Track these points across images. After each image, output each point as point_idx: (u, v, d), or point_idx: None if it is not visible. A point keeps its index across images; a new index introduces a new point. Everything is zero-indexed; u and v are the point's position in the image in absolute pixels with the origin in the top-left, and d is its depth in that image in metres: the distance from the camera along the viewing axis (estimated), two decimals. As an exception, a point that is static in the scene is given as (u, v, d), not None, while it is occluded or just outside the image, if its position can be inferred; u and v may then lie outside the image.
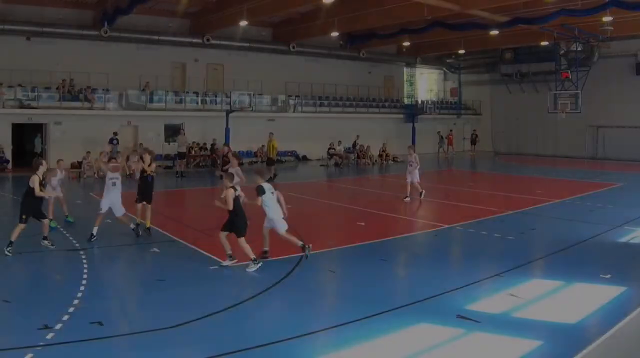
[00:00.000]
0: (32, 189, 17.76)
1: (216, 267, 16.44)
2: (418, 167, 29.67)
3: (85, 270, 15.75)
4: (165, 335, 11.39)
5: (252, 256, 15.99)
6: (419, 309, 12.97)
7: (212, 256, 17.35)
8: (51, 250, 18.32)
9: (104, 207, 19.83)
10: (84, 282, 14.61)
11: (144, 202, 21.01)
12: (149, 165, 21.29)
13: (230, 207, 16.08)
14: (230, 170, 21.63)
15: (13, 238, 17.53)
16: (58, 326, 11.46)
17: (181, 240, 19.97)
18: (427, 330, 11.79)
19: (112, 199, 19.93)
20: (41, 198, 18.34)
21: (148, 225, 20.85)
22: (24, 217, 17.85)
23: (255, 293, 14.06)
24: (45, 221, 18.62)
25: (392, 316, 12.49)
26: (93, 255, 17.85)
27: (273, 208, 17.20)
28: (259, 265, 15.92)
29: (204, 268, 16.35)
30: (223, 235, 16.37)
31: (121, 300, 14.25)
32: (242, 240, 16.12)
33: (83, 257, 17.35)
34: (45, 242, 18.50)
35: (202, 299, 13.71)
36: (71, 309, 12.46)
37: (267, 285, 14.58)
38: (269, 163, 40.76)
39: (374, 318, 12.28)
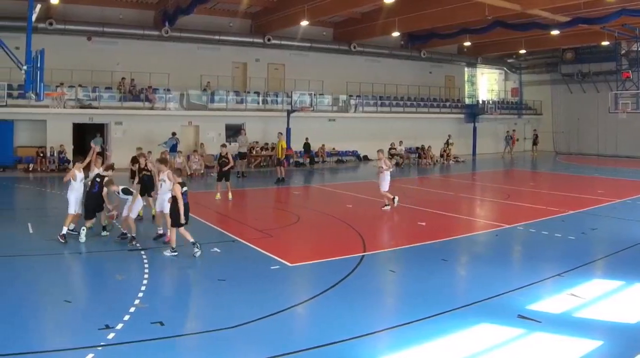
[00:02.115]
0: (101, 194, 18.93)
1: (277, 267, 16.24)
2: (389, 172, 27.15)
3: (146, 270, 15.66)
4: (226, 336, 11.26)
5: (174, 245, 17.15)
6: (480, 309, 12.79)
7: (273, 256, 17.19)
8: (112, 251, 18.35)
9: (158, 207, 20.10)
10: (144, 281, 14.53)
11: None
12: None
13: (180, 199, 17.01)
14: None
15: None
16: (119, 326, 11.39)
17: (242, 240, 19.73)
18: (488, 330, 11.61)
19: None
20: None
21: None
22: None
23: (316, 293, 13.92)
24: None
25: (453, 316, 12.33)
26: (154, 255, 17.55)
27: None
28: (175, 253, 16.97)
29: (265, 268, 16.14)
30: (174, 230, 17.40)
31: (182, 300, 14.22)
32: (173, 229, 17.25)
33: (144, 257, 17.21)
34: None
35: (262, 299, 13.47)
36: (132, 309, 12.39)
37: (328, 285, 14.38)
38: (278, 164, 39.34)
39: (435, 319, 12.15)
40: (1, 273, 15.33)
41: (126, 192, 19.40)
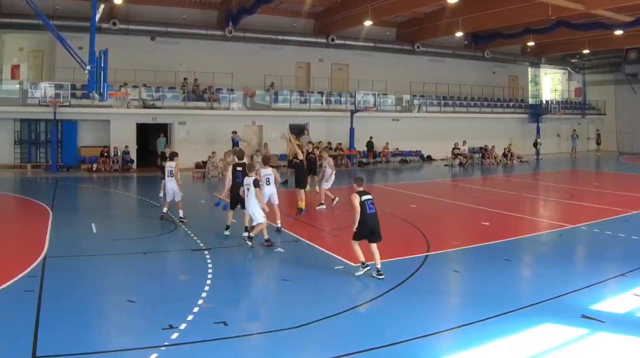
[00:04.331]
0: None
1: (341, 267, 15.96)
2: (333, 173, 26.58)
3: (209, 270, 15.42)
4: (289, 336, 11.07)
5: (362, 259, 15.20)
6: (543, 309, 12.52)
7: (337, 256, 16.87)
8: (176, 251, 18.67)
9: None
10: (208, 281, 14.34)
11: None
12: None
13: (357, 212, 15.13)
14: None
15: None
16: (182, 326, 11.26)
17: (305, 240, 19.53)
18: (551, 330, 11.38)
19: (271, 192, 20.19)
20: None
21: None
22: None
23: (380, 293, 13.69)
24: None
25: (516, 316, 12.11)
26: (217, 255, 17.33)
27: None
28: (367, 268, 15.08)
29: (328, 268, 15.88)
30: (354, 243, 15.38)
31: (245, 300, 14.05)
32: (353, 242, 15.31)
33: (207, 257, 16.95)
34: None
35: (326, 299, 13.37)
36: (196, 309, 12.25)
37: (391, 285, 14.13)
38: (291, 167, 38.54)
39: (498, 319, 11.94)
40: (66, 273, 15.19)
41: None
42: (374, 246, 15.14)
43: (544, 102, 66.16)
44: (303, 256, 17.72)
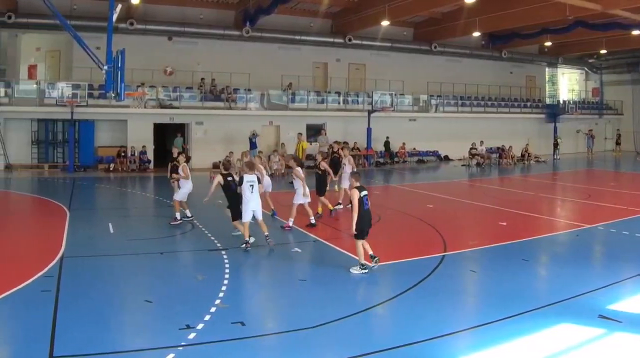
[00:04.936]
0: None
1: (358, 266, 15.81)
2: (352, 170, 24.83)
3: (226, 270, 15.36)
4: (306, 336, 11.05)
5: (362, 261, 15.35)
6: (560, 309, 12.43)
7: (354, 256, 16.19)
8: (193, 251, 18.61)
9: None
10: (225, 281, 14.31)
11: None
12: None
13: (356, 210, 15.31)
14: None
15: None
16: (200, 326, 11.22)
17: (323, 240, 19.50)
18: (568, 330, 11.32)
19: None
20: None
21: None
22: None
23: (397, 293, 13.61)
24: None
25: (533, 316, 12.01)
26: (234, 255, 17.18)
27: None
28: (365, 271, 15.25)
29: (346, 268, 15.65)
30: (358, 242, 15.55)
31: (262, 300, 13.98)
32: (357, 242, 15.50)
33: (225, 257, 16.86)
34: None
35: (343, 299, 13.36)
36: (213, 309, 12.21)
37: (408, 285, 14.05)
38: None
39: (515, 319, 11.86)
40: (83, 273, 15.17)
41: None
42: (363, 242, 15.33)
43: (561, 102, 65.60)
44: (320, 256, 17.79)
